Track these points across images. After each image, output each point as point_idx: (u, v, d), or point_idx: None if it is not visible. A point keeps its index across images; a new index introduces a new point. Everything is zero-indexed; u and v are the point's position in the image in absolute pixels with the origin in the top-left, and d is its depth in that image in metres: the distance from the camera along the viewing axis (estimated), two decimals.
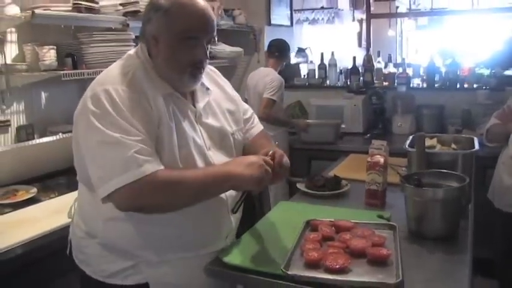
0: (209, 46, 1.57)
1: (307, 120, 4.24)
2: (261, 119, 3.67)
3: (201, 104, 1.63)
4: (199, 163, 1.54)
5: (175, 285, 1.57)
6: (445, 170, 1.87)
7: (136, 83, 1.47)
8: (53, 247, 1.94)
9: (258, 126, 1.90)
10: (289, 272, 1.38)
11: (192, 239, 1.57)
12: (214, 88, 1.72)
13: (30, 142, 2.77)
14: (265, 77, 3.95)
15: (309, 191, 2.23)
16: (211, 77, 1.75)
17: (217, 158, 1.61)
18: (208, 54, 1.56)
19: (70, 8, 2.79)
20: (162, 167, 1.40)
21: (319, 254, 1.45)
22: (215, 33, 1.56)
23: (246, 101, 3.40)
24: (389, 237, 1.62)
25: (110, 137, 1.36)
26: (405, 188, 1.75)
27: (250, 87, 4.07)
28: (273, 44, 4.19)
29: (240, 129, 1.76)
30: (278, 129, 3.94)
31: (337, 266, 1.39)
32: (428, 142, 2.25)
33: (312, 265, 1.43)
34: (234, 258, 1.54)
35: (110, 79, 1.47)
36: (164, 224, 1.49)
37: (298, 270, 1.41)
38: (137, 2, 3.06)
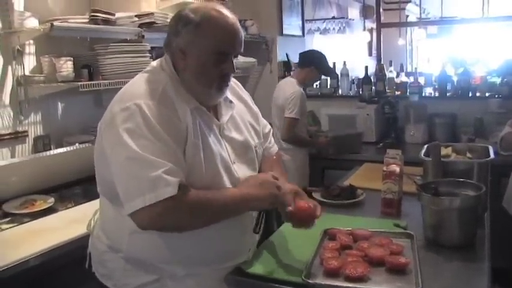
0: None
1: (327, 136, 4.03)
2: (285, 141, 3.65)
3: (225, 118, 1.62)
4: (225, 177, 1.53)
5: None
6: (461, 179, 1.87)
7: (167, 97, 1.45)
8: (71, 256, 1.96)
9: (274, 148, 1.92)
10: (310, 281, 1.40)
11: (219, 253, 1.56)
12: (236, 101, 1.71)
13: (47, 152, 2.81)
14: (284, 90, 3.76)
15: (325, 200, 2.23)
16: (233, 89, 1.74)
17: (242, 171, 1.60)
18: (235, 68, 1.55)
19: (87, 20, 2.83)
20: (188, 188, 1.38)
21: (338, 263, 1.47)
22: (242, 47, 1.54)
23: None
24: (407, 245, 1.63)
25: (140, 154, 1.34)
26: (422, 197, 1.75)
27: (273, 99, 3.89)
28: (300, 55, 4.03)
29: (260, 143, 1.77)
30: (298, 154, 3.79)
31: (357, 275, 1.41)
32: (443, 151, 2.25)
33: (332, 273, 1.44)
34: (257, 268, 1.55)
35: (140, 93, 1.44)
36: (193, 238, 1.47)
37: (318, 279, 1.43)
38: (152, 14, 3.08)
